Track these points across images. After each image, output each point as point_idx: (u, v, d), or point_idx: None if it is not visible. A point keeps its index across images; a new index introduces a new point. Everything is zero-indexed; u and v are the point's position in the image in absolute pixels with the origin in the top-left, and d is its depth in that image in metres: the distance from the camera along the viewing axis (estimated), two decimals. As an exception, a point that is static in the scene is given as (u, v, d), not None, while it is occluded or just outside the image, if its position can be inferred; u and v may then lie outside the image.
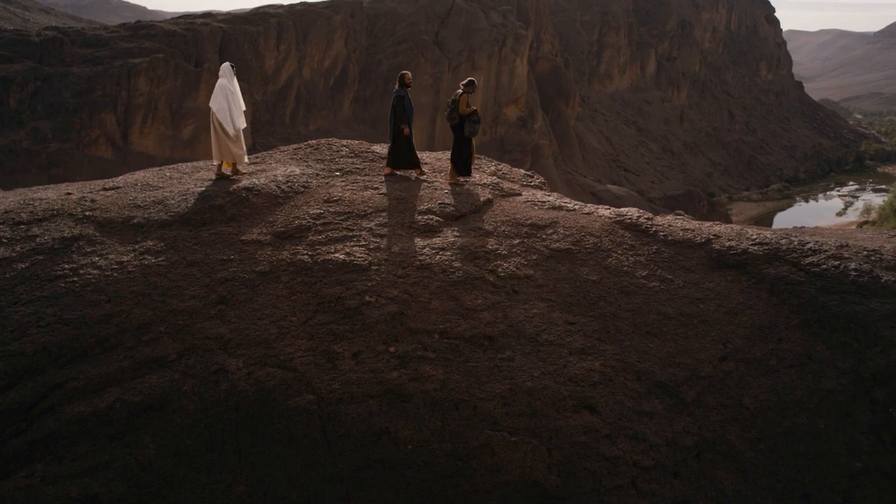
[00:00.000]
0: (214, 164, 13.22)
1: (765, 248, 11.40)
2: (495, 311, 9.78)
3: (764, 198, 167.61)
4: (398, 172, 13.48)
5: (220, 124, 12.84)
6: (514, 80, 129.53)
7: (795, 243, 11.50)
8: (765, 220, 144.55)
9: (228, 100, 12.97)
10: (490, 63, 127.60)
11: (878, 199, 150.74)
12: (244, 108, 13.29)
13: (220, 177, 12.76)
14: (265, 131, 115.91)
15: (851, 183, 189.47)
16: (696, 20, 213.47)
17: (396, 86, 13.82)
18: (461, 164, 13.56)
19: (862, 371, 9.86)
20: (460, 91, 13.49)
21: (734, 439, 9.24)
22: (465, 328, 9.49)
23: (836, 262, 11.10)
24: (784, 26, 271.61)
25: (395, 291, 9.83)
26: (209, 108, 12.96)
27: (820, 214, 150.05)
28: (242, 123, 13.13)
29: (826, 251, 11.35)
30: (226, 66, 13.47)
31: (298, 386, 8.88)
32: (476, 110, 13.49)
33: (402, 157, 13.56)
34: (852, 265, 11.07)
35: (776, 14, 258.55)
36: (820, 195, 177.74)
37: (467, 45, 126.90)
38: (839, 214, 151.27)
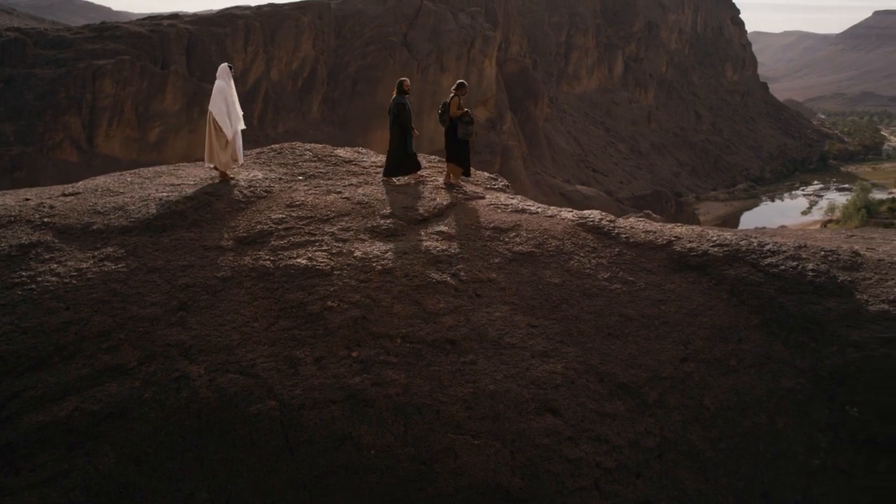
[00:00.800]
0: (208, 166, 13.12)
1: (725, 249, 11.55)
2: (458, 315, 9.80)
3: (731, 197, 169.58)
4: (395, 180, 13.53)
5: (219, 128, 12.73)
6: (482, 82, 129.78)
7: (755, 244, 11.66)
8: (732, 220, 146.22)
9: (227, 103, 12.88)
10: (459, 64, 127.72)
11: (841, 199, 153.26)
12: (241, 111, 13.27)
13: (223, 178, 12.74)
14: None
15: (816, 182, 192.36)
16: (663, 22, 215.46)
17: (395, 93, 13.79)
18: (459, 164, 13.65)
19: (819, 370, 10.01)
20: (452, 94, 13.54)
21: (695, 439, 9.34)
22: (427, 332, 9.50)
23: (794, 263, 11.26)
24: (749, 28, 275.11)
25: (357, 296, 9.81)
26: (208, 111, 12.88)
27: (785, 213, 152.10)
28: (241, 125, 13.06)
29: (784, 252, 11.51)
30: (224, 67, 13.35)
31: (260, 392, 8.84)
32: (468, 112, 13.55)
33: (402, 164, 13.64)
34: (810, 266, 11.24)
35: (741, 16, 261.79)
36: (785, 194, 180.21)
37: (436, 46, 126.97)
38: (804, 213, 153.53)
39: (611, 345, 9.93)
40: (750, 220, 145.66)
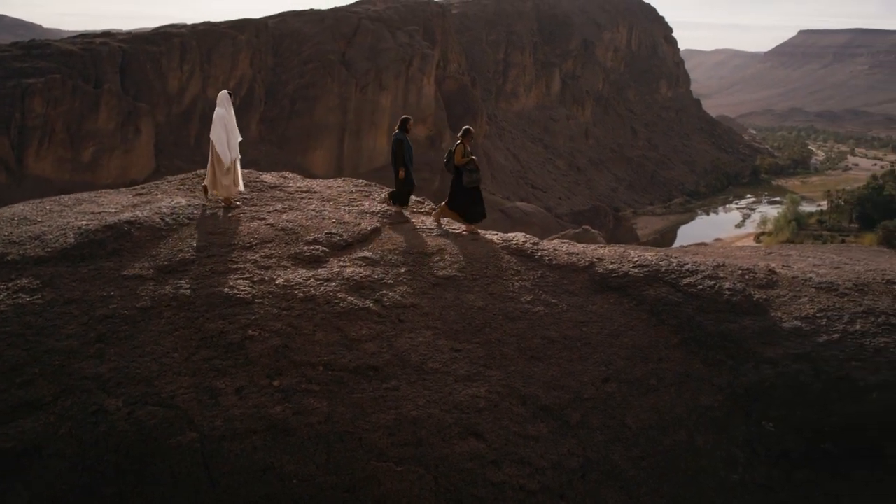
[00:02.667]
0: (212, 194, 13.19)
1: (645, 270, 11.78)
2: (380, 341, 9.80)
3: (667, 211, 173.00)
4: (405, 212, 13.77)
5: (219, 156, 12.85)
6: (421, 100, 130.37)
7: (674, 265, 11.92)
8: (669, 233, 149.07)
9: (227, 130, 13.03)
10: (398, 83, 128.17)
11: (773, 212, 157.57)
12: (240, 137, 13.41)
13: (227, 204, 12.92)
14: (169, 153, 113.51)
15: (749, 196, 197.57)
16: (599, 40, 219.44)
17: (396, 129, 14.03)
18: (470, 213, 13.48)
19: (736, 387, 10.25)
20: (458, 141, 13.55)
21: (618, 459, 9.46)
22: (349, 359, 9.47)
23: (712, 283, 11.54)
24: (682, 46, 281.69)
25: (278, 324, 9.75)
26: (210, 139, 13.04)
27: (720, 227, 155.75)
28: (237, 154, 13.19)
29: (703, 272, 11.79)
30: (223, 94, 13.47)
31: (181, 424, 8.70)
32: (473, 159, 13.51)
33: (405, 195, 13.96)
34: (727, 285, 11.53)
35: (674, 34, 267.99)
36: (720, 208, 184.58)
37: (374, 64, 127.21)
38: (738, 226, 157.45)
39: (533, 367, 10.02)
40: (686, 233, 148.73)
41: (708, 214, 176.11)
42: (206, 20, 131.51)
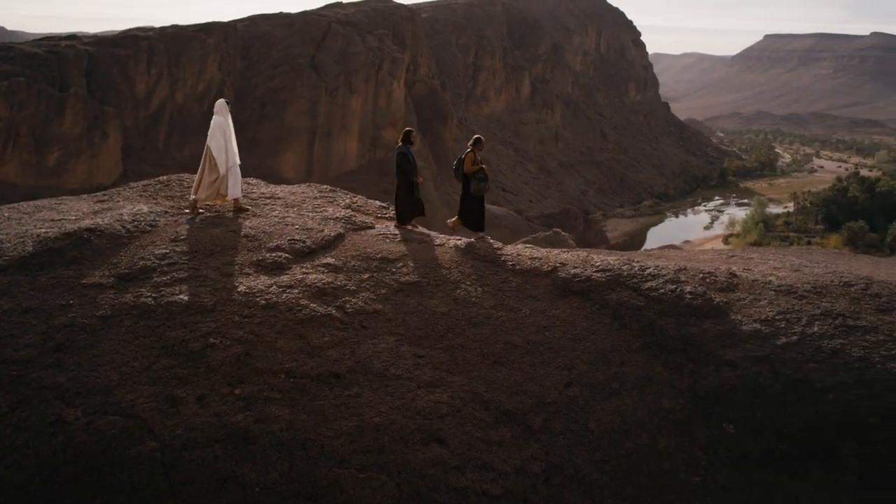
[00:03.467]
0: (192, 197, 13.21)
1: (607, 274, 11.86)
2: (343, 348, 9.78)
3: (637, 214, 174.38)
4: (408, 227, 13.62)
5: (213, 164, 12.96)
6: (391, 103, 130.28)
7: (636, 269, 12.02)
8: (639, 236, 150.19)
9: (226, 138, 13.14)
10: (367, 86, 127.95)
11: (741, 213, 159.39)
12: (236, 148, 13.53)
13: (195, 211, 12.99)
14: (137, 157, 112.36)
15: (717, 198, 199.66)
16: (568, 44, 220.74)
17: (399, 142, 13.96)
18: (472, 220, 13.76)
19: (698, 390, 10.35)
20: (468, 149, 13.59)
21: (581, 462, 9.51)
22: (311, 366, 9.44)
23: (673, 287, 11.65)
24: (650, 50, 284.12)
25: (240, 332, 9.69)
26: (206, 146, 13.15)
27: (689, 229, 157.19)
28: (235, 161, 13.28)
29: (664, 276, 11.90)
30: (221, 102, 13.56)
31: (141, 433, 8.62)
32: (483, 168, 13.64)
33: (412, 212, 13.80)
34: (688, 288, 11.65)
35: (642, 38, 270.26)
36: (689, 210, 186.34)
37: (344, 68, 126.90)
38: (706, 228, 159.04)
39: (496, 372, 10.06)
40: (656, 235, 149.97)
41: (677, 217, 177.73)
42: (174, 23, 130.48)
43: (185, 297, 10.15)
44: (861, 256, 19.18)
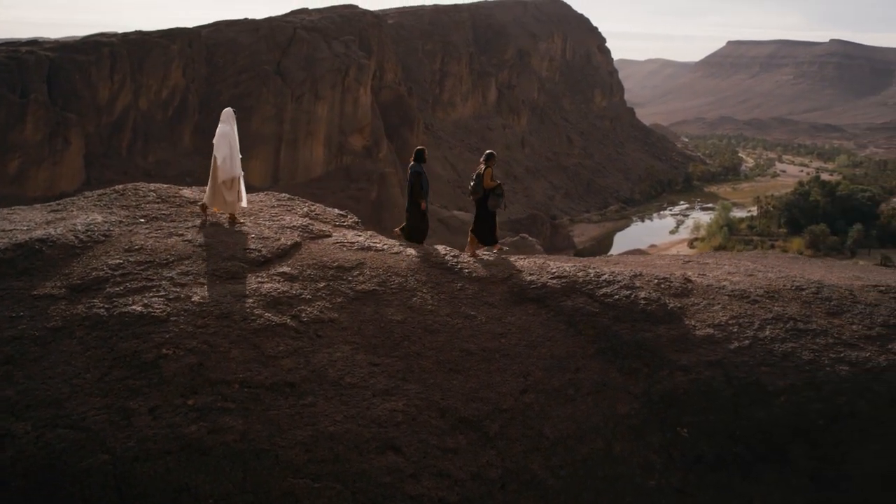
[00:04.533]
0: (210, 211, 13.18)
1: (563, 281, 11.96)
2: (297, 357, 9.74)
3: (603, 218, 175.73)
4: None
5: (220, 172, 12.91)
6: (358, 110, 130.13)
7: (591, 275, 12.12)
8: (605, 240, 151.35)
9: (231, 147, 13.13)
10: (334, 93, 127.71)
11: (705, 217, 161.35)
12: (240, 156, 13.46)
13: (231, 219, 12.99)
14: (99, 164, 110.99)
15: (682, 202, 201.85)
16: (534, 50, 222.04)
17: (412, 161, 13.81)
18: (487, 234, 13.92)
19: (652, 394, 10.47)
20: (483, 166, 13.69)
21: (537, 468, 9.56)
22: (265, 376, 9.40)
23: (628, 292, 11.78)
24: (615, 56, 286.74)
25: (193, 342, 9.62)
26: (213, 156, 13.15)
27: (655, 233, 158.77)
28: (239, 171, 13.20)
29: (620, 282, 12.02)
30: (227, 111, 13.48)
31: (92, 446, 8.52)
32: (501, 184, 13.89)
33: (417, 231, 13.79)
34: (643, 294, 11.78)
35: (607, 44, 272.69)
36: (654, 214, 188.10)
37: (310, 74, 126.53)
38: (672, 232, 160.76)
39: (452, 380, 10.08)
40: (622, 240, 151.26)
41: (643, 221, 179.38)
42: (137, 29, 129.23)
43: (139, 308, 10.05)
44: (815, 260, 19.55)
